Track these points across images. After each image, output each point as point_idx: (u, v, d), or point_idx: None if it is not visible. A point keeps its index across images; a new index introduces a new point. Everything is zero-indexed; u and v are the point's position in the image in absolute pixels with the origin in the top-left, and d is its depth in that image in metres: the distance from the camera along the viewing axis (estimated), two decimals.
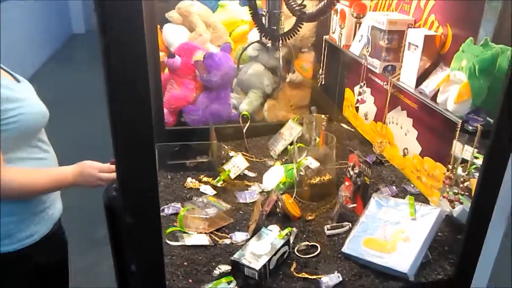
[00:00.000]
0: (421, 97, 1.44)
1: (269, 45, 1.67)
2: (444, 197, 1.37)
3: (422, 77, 1.47)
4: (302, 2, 1.57)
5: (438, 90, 1.35)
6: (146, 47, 1.74)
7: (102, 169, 1.48)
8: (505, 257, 1.41)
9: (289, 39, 1.61)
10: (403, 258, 1.27)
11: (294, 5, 1.56)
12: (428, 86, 1.42)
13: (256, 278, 1.22)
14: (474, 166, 1.37)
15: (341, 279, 1.26)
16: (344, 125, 2.24)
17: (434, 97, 1.39)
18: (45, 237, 1.54)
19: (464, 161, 1.34)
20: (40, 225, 1.52)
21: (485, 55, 1.18)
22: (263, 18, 1.55)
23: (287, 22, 2.10)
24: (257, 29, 1.57)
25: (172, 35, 2.25)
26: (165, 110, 2.05)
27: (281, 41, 1.64)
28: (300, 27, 1.57)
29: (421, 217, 1.36)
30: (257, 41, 1.69)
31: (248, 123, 2.02)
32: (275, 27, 1.56)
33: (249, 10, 1.53)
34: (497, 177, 1.19)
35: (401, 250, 1.29)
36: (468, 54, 1.22)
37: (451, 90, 1.27)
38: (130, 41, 0.78)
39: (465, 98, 1.20)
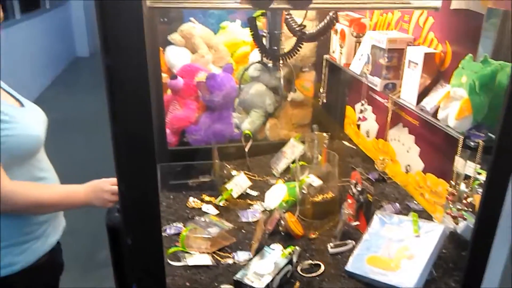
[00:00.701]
0: (422, 114, 1.45)
1: (270, 65, 1.69)
2: (447, 213, 1.36)
3: (422, 94, 1.48)
4: (302, 22, 1.60)
5: (439, 106, 1.36)
6: (150, 68, 1.76)
7: (115, 189, 1.46)
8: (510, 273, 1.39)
9: (289, 59, 1.62)
10: (407, 275, 1.25)
11: (295, 26, 1.59)
12: (429, 103, 1.43)
13: None
14: (477, 182, 1.36)
15: None
16: (346, 143, 2.24)
17: (435, 114, 1.39)
18: (32, 267, 1.50)
19: (467, 177, 1.34)
20: (23, 255, 1.48)
21: (485, 71, 1.18)
22: (264, 39, 1.57)
23: (287, 42, 2.13)
24: (258, 50, 1.59)
25: (175, 57, 2.27)
26: (168, 131, 2.06)
27: (282, 61, 1.66)
28: (300, 47, 1.59)
29: (425, 234, 1.35)
30: (258, 62, 1.70)
31: (250, 142, 2.03)
32: (275, 48, 1.58)
33: (250, 31, 1.55)
34: (500, 193, 1.18)
35: (406, 267, 1.28)
36: (467, 70, 1.22)
37: (452, 106, 1.27)
38: (132, 63, 0.80)
39: (466, 114, 1.20)
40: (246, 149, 2.02)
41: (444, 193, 1.46)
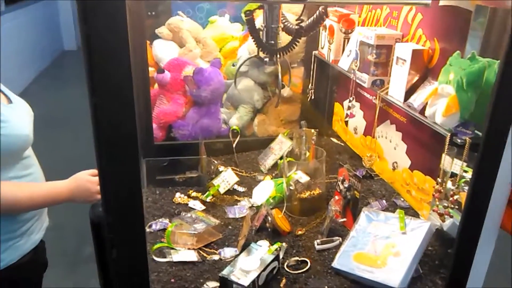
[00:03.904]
0: (410, 111, 1.45)
1: (267, 59, 1.67)
2: (434, 210, 1.36)
3: (410, 91, 1.47)
4: (300, 16, 1.58)
5: (427, 103, 1.36)
6: (136, 62, 1.73)
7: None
8: (496, 270, 1.40)
9: (287, 53, 1.61)
10: (393, 272, 1.25)
11: (290, 25, 1.58)
12: (416, 99, 1.42)
13: None
14: (463, 179, 1.36)
15: None
16: (334, 140, 2.24)
17: (422, 111, 1.39)
18: (14, 264, 1.48)
19: (453, 175, 1.34)
20: (6, 253, 1.46)
21: (472, 68, 1.18)
22: (261, 33, 1.56)
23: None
24: (255, 44, 1.57)
25: (162, 50, 2.25)
26: (154, 125, 2.04)
27: (278, 55, 1.64)
28: (298, 41, 1.58)
29: (411, 231, 1.35)
30: (255, 56, 1.68)
31: (238, 137, 2.01)
32: (272, 42, 1.57)
33: (247, 25, 1.53)
34: (486, 190, 1.19)
35: (392, 264, 1.28)
36: (455, 67, 1.22)
37: (439, 103, 1.27)
38: (114, 53, 0.77)
39: (453, 111, 1.20)
40: (234, 145, 2.01)
41: (431, 190, 1.46)
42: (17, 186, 1.43)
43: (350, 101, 1.79)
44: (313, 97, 2.16)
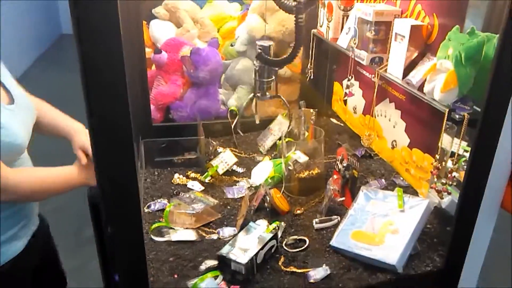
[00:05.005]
0: (409, 87, 1.43)
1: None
2: (432, 187, 1.36)
3: (409, 68, 1.45)
4: None
5: (425, 80, 1.34)
6: (132, 43, 1.71)
7: None
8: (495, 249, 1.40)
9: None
10: (391, 250, 1.25)
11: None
12: (415, 76, 1.41)
13: (243, 273, 1.20)
14: (463, 159, 1.36)
15: (329, 272, 1.25)
16: (333, 120, 2.23)
17: (421, 88, 1.38)
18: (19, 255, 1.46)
19: (454, 154, 1.33)
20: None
21: (471, 43, 1.16)
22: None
23: (272, 17, 2.10)
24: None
25: (159, 31, 2.23)
26: (152, 107, 2.03)
27: None
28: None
29: (410, 209, 1.35)
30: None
31: (237, 118, 2.00)
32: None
33: None
34: (485, 167, 1.18)
35: (390, 242, 1.28)
36: (454, 42, 1.20)
37: (438, 79, 1.25)
38: (105, 36, 0.76)
39: (451, 86, 1.18)
40: (232, 126, 1.99)
41: (430, 168, 1.46)
42: (38, 170, 1.42)
43: (348, 80, 1.77)
44: (312, 77, 2.14)
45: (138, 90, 1.86)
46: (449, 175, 1.28)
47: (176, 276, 1.23)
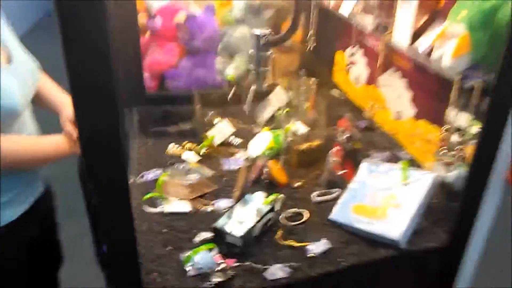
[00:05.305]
0: (415, 55, 1.36)
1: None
2: (438, 159, 1.30)
3: (416, 35, 1.38)
4: None
5: (433, 47, 1.27)
6: (124, 8, 1.61)
7: None
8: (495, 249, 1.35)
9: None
10: (394, 224, 1.20)
11: None
12: (423, 43, 1.33)
13: (239, 245, 1.15)
14: (470, 133, 1.30)
15: (328, 246, 1.20)
16: (334, 91, 2.15)
17: (429, 55, 1.30)
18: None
19: (460, 129, 1.27)
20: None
21: (484, 6, 1.09)
22: None
23: None
24: None
25: None
26: (147, 75, 1.95)
27: None
28: None
29: (414, 182, 1.29)
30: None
31: (234, 88, 1.92)
32: None
33: None
34: (495, 139, 1.12)
35: (392, 216, 1.22)
36: (467, 5, 1.12)
37: (448, 45, 1.18)
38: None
39: (463, 51, 1.11)
40: (230, 96, 1.92)
41: (436, 141, 1.40)
42: (26, 139, 1.37)
43: (352, 48, 1.70)
44: (313, 46, 2.06)
45: (130, 56, 1.78)
46: (457, 146, 1.21)
47: (170, 248, 1.18)
